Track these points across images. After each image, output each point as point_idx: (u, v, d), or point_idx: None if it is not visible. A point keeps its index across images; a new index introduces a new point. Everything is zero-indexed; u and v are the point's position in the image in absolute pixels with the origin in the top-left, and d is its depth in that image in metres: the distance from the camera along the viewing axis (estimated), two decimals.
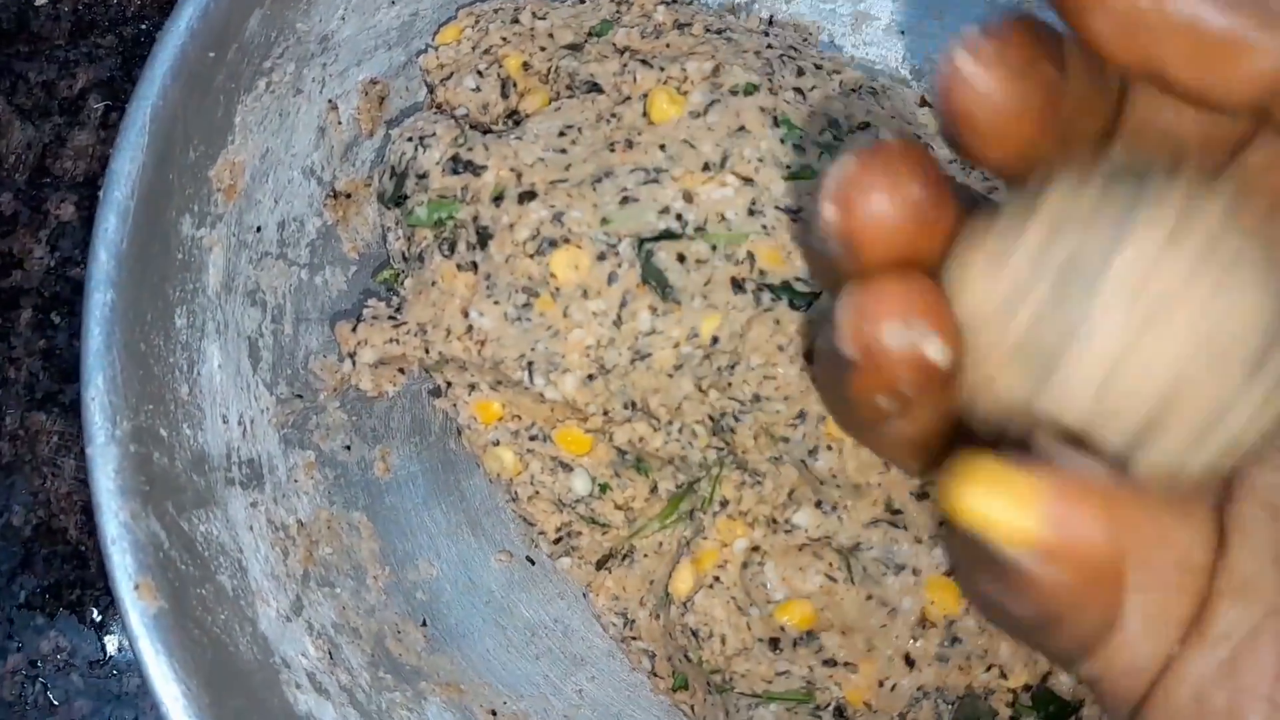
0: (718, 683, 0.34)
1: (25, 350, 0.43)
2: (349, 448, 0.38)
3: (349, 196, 0.39)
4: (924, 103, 0.39)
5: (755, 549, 0.34)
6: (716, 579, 0.34)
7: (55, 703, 0.40)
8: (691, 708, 0.36)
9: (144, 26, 0.46)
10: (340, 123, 0.38)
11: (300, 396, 0.37)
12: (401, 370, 0.37)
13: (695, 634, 0.34)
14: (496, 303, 0.34)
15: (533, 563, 0.39)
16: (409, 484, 0.39)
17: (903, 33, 0.42)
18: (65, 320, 0.43)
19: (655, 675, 0.37)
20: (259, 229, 0.36)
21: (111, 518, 0.29)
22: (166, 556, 0.30)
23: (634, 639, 0.37)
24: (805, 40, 0.41)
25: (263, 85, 0.35)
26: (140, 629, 0.28)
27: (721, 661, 0.33)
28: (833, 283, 0.19)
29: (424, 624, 0.37)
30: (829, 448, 0.33)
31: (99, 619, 0.41)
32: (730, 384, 0.33)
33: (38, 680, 0.41)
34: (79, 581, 0.41)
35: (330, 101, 0.37)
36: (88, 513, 0.42)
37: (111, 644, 0.41)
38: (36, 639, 0.41)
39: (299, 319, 0.37)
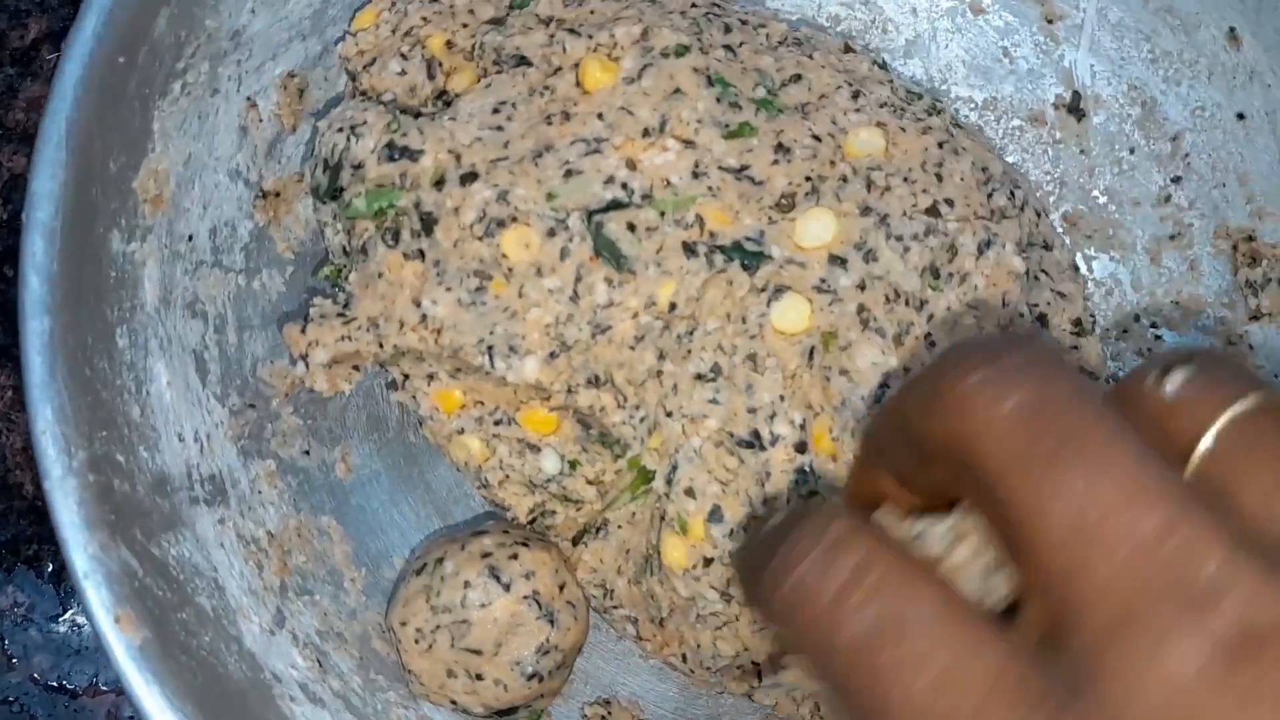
0: None
1: None
2: (308, 452, 0.37)
3: (278, 195, 0.37)
4: (848, 49, 0.39)
5: None
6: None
7: (14, 658, 0.39)
8: (683, 656, 0.37)
9: None
10: (261, 120, 0.37)
11: (253, 406, 0.36)
12: (356, 367, 0.36)
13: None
14: (449, 289, 0.34)
15: None
16: (373, 482, 0.38)
17: None
18: (19, 273, 0.41)
19: (641, 639, 0.38)
20: (190, 238, 0.35)
21: (80, 552, 0.28)
22: (142, 585, 0.29)
23: (615, 608, 0.37)
24: None
25: (178, 88, 0.34)
26: (127, 662, 0.28)
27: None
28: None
29: None
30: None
31: (57, 574, 0.40)
32: (690, 352, 0.33)
33: None
34: (36, 537, 0.40)
35: (249, 99, 0.36)
36: None
37: (70, 601, 0.40)
38: None
39: (242, 326, 0.36)
